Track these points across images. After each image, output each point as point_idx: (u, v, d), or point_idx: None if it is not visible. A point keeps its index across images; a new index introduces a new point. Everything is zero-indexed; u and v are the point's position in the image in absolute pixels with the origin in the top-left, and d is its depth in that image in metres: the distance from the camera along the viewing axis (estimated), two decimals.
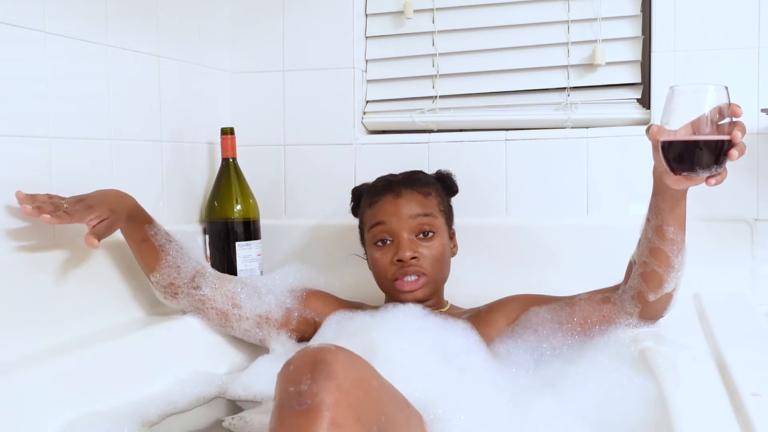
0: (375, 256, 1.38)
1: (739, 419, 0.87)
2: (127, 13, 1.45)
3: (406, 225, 1.36)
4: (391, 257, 1.36)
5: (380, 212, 1.38)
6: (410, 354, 1.14)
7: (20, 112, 1.22)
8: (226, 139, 1.63)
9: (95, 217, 1.25)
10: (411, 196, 1.38)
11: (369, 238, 1.40)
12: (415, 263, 1.34)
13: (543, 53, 1.69)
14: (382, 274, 1.38)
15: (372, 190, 1.44)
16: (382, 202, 1.39)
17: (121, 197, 1.34)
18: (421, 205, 1.38)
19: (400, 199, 1.37)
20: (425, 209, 1.38)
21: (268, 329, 1.39)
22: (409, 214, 1.36)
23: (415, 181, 1.41)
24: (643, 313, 1.23)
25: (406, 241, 1.35)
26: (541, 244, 1.62)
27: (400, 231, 1.36)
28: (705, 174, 1.02)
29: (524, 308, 1.34)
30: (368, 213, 1.41)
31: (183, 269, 1.37)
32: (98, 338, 1.25)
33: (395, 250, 1.36)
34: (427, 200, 1.39)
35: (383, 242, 1.38)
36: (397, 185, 1.40)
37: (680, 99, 1.03)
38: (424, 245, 1.36)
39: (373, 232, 1.39)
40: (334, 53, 1.77)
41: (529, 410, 1.03)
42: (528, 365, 1.25)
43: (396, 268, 1.35)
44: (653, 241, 1.18)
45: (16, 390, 1.04)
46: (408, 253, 1.34)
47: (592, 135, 1.64)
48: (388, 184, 1.41)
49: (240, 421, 1.17)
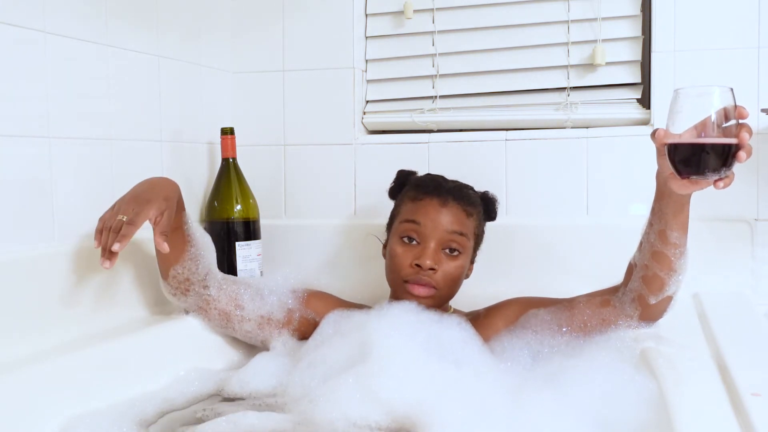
0: (397, 250, 1.36)
1: (739, 419, 0.87)
2: (127, 13, 1.45)
3: (439, 235, 1.34)
4: (411, 259, 1.34)
5: (420, 211, 1.36)
6: (405, 349, 1.14)
7: (20, 112, 1.22)
8: (226, 139, 1.63)
9: (156, 212, 1.20)
10: (455, 210, 1.35)
11: (397, 230, 1.38)
12: (430, 274, 1.33)
13: (543, 53, 1.69)
14: (396, 269, 1.36)
15: (420, 185, 1.41)
16: (425, 202, 1.36)
17: (170, 183, 1.30)
18: (460, 222, 1.35)
19: (444, 208, 1.35)
20: (462, 228, 1.35)
21: (270, 329, 1.39)
22: (446, 227, 1.34)
23: (464, 197, 1.38)
24: (643, 315, 1.24)
25: (431, 251, 1.33)
26: (541, 244, 1.63)
27: (431, 238, 1.33)
28: (713, 177, 1.01)
29: (523, 311, 1.34)
30: (408, 206, 1.38)
31: (200, 265, 1.34)
32: (98, 338, 1.25)
33: (418, 253, 1.33)
34: (468, 220, 1.37)
35: (410, 240, 1.36)
36: (447, 193, 1.36)
37: (685, 102, 1.02)
38: (447, 261, 1.34)
39: (404, 227, 1.36)
40: (334, 53, 1.77)
41: (527, 407, 1.03)
42: (524, 361, 1.25)
43: (412, 272, 1.33)
44: (656, 245, 1.18)
45: (16, 390, 1.04)
46: (429, 262, 1.32)
47: (592, 135, 1.64)
48: (437, 187, 1.38)
49: (212, 412, 1.19)
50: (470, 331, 1.28)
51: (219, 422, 1.08)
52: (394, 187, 1.49)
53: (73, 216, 1.31)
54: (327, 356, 1.21)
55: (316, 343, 1.30)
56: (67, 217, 1.30)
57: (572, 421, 1.00)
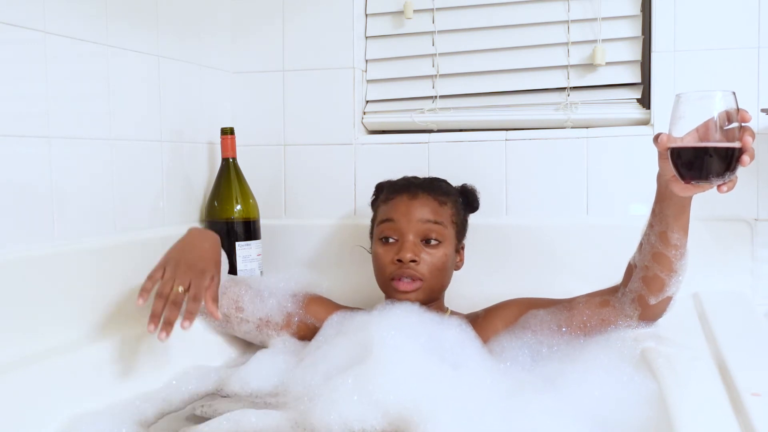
0: (378, 251, 1.39)
1: (739, 419, 0.87)
2: (127, 13, 1.45)
3: (414, 228, 1.36)
4: (392, 256, 1.36)
5: (392, 210, 1.39)
6: (406, 349, 1.14)
7: (20, 112, 1.22)
8: (226, 139, 1.63)
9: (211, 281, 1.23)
10: (426, 200, 1.38)
11: (376, 233, 1.41)
12: (413, 267, 1.34)
13: (543, 53, 1.69)
14: (381, 270, 1.38)
15: (391, 187, 1.45)
16: (396, 201, 1.39)
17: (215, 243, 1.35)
18: (433, 211, 1.38)
19: (415, 201, 1.38)
20: (436, 217, 1.37)
21: (269, 332, 1.40)
22: (419, 218, 1.36)
23: (434, 188, 1.41)
24: (643, 315, 1.24)
25: (409, 243, 1.35)
26: (541, 244, 1.62)
27: (406, 232, 1.36)
28: (718, 181, 1.01)
29: (522, 312, 1.34)
30: (382, 208, 1.42)
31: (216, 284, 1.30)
32: (98, 338, 1.25)
33: (397, 249, 1.36)
34: (441, 209, 1.39)
35: (387, 239, 1.38)
36: (416, 187, 1.40)
37: (687, 106, 1.02)
38: (427, 251, 1.36)
39: (381, 228, 1.39)
40: (334, 53, 1.77)
41: (526, 407, 1.03)
42: (524, 361, 1.25)
43: (395, 268, 1.35)
44: (656, 246, 1.18)
45: (16, 390, 1.04)
46: (408, 255, 1.34)
47: (592, 135, 1.64)
48: (407, 184, 1.42)
49: (210, 408, 1.19)
50: (470, 333, 1.28)
51: (220, 421, 1.08)
52: (374, 199, 1.51)
53: (73, 216, 1.31)
54: (328, 355, 1.21)
55: (318, 343, 1.30)
56: (66, 217, 1.30)
57: (572, 422, 1.00)
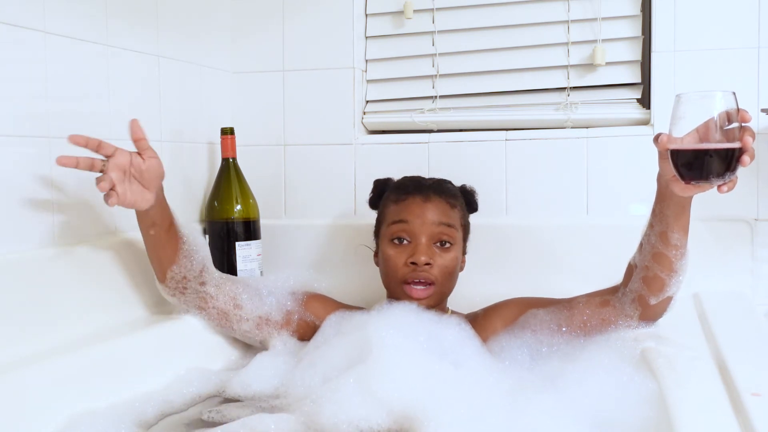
0: (389, 253, 1.37)
1: (739, 419, 0.87)
2: (127, 13, 1.45)
3: (428, 230, 1.35)
4: (405, 258, 1.34)
5: (405, 211, 1.37)
6: (405, 349, 1.14)
7: (20, 112, 1.22)
8: (226, 139, 1.63)
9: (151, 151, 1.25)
10: (439, 203, 1.37)
11: (386, 234, 1.39)
12: (427, 270, 1.34)
13: (543, 53, 1.69)
14: (392, 272, 1.36)
15: (400, 187, 1.43)
16: (409, 202, 1.38)
17: None
18: (446, 214, 1.37)
19: (428, 203, 1.37)
20: (449, 219, 1.37)
21: (269, 330, 1.39)
22: (433, 221, 1.35)
23: (444, 190, 1.40)
24: (643, 315, 1.24)
25: (424, 246, 1.34)
26: (541, 244, 1.62)
27: (420, 234, 1.35)
28: (718, 182, 1.01)
29: (522, 311, 1.34)
30: (392, 209, 1.40)
31: (195, 261, 1.34)
32: (98, 338, 1.25)
33: (411, 251, 1.34)
34: (452, 211, 1.39)
35: (400, 241, 1.36)
36: (427, 189, 1.39)
37: (687, 107, 1.02)
38: (440, 254, 1.35)
39: (392, 229, 1.37)
40: (334, 53, 1.77)
41: (526, 407, 1.03)
42: (524, 361, 1.25)
43: (408, 270, 1.34)
44: (657, 246, 1.18)
45: (16, 390, 1.04)
46: (423, 258, 1.33)
47: (592, 135, 1.64)
48: (417, 185, 1.41)
49: (218, 414, 1.19)
50: (470, 332, 1.28)
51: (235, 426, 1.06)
52: (374, 197, 1.50)
53: (72, 216, 1.31)
54: (327, 355, 1.21)
55: (317, 343, 1.30)
56: (66, 217, 1.30)
57: (571, 421, 1.00)
